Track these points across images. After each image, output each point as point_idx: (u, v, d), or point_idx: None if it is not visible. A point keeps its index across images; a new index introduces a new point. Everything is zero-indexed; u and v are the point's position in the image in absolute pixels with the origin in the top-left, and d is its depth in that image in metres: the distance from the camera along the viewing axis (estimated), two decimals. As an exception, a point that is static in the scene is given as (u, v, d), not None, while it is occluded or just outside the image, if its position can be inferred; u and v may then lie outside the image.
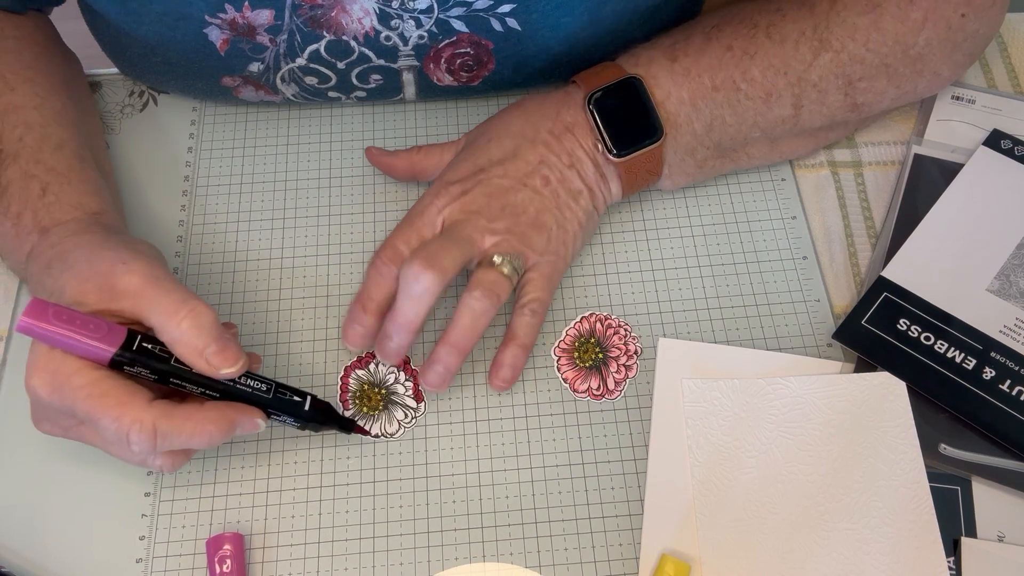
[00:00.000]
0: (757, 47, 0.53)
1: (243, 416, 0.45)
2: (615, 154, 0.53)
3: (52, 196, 0.49)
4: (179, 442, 0.42)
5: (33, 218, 0.48)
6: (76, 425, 0.44)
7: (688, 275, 0.56)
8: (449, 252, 0.48)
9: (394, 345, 0.49)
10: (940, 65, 0.56)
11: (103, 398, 0.41)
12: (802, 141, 0.58)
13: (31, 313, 0.40)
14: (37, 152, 0.50)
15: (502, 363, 0.51)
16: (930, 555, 0.47)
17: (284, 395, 0.47)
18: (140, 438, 0.41)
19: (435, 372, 0.49)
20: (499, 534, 0.48)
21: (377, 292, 0.50)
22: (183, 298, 0.43)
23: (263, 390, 0.46)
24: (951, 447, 0.50)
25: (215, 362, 0.43)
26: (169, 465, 0.45)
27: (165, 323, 0.42)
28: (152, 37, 0.54)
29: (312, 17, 0.52)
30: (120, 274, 0.43)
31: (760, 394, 0.51)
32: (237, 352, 0.44)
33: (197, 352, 0.43)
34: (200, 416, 0.43)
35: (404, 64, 0.57)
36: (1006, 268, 0.55)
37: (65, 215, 0.48)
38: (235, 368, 0.44)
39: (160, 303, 0.43)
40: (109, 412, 0.41)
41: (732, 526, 0.48)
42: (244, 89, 0.59)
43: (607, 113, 0.53)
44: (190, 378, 0.44)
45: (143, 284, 0.43)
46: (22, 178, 0.49)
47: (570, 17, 0.54)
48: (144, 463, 0.44)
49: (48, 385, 0.41)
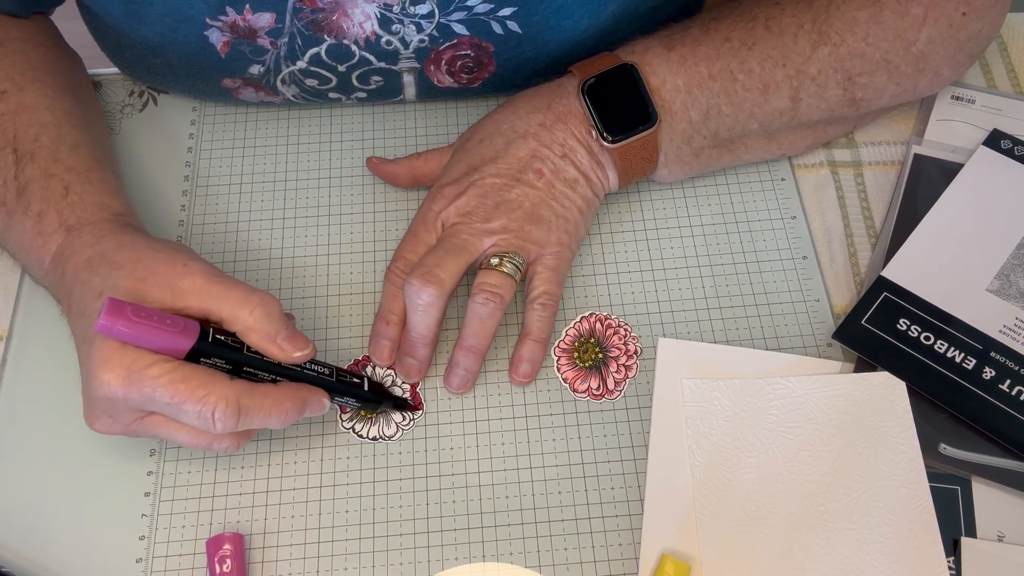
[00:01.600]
0: (755, 38, 0.53)
1: (313, 396, 0.46)
2: (608, 140, 0.53)
3: (75, 196, 0.49)
4: (258, 419, 0.44)
5: (58, 217, 0.48)
6: (140, 419, 0.44)
7: (688, 275, 0.56)
8: (444, 264, 0.49)
9: (415, 361, 0.51)
10: (942, 65, 0.56)
11: (186, 382, 0.42)
12: (800, 135, 0.58)
13: (111, 311, 0.41)
14: (55, 152, 0.50)
15: (520, 359, 0.52)
16: (930, 555, 0.47)
17: (345, 377, 0.49)
18: (226, 414, 0.42)
19: (457, 375, 0.51)
20: (499, 534, 0.48)
21: (396, 305, 0.52)
22: (250, 290, 0.45)
23: (327, 374, 0.48)
24: (951, 447, 0.50)
25: (287, 347, 0.45)
26: (235, 444, 0.46)
27: (238, 313, 0.44)
28: (152, 38, 0.54)
29: (313, 21, 0.52)
30: (182, 274, 0.44)
31: (760, 394, 0.51)
32: (305, 337, 0.46)
33: (270, 338, 0.44)
34: (278, 394, 0.45)
35: (405, 66, 0.57)
36: (1006, 268, 0.55)
37: (91, 215, 0.49)
38: (306, 352, 0.45)
39: (229, 296, 0.44)
40: (195, 393, 0.42)
41: (732, 526, 0.48)
42: (244, 90, 0.59)
43: (601, 100, 0.53)
44: (262, 366, 0.45)
45: (207, 281, 0.44)
46: (42, 177, 0.49)
47: (571, 20, 0.54)
48: (210, 446, 0.45)
49: (124, 379, 0.42)
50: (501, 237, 0.51)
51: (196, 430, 0.44)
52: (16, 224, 0.49)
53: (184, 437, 0.45)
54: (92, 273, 0.45)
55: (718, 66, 0.53)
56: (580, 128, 0.53)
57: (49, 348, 0.53)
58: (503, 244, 0.51)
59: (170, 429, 0.44)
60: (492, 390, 0.52)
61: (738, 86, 0.53)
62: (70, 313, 0.47)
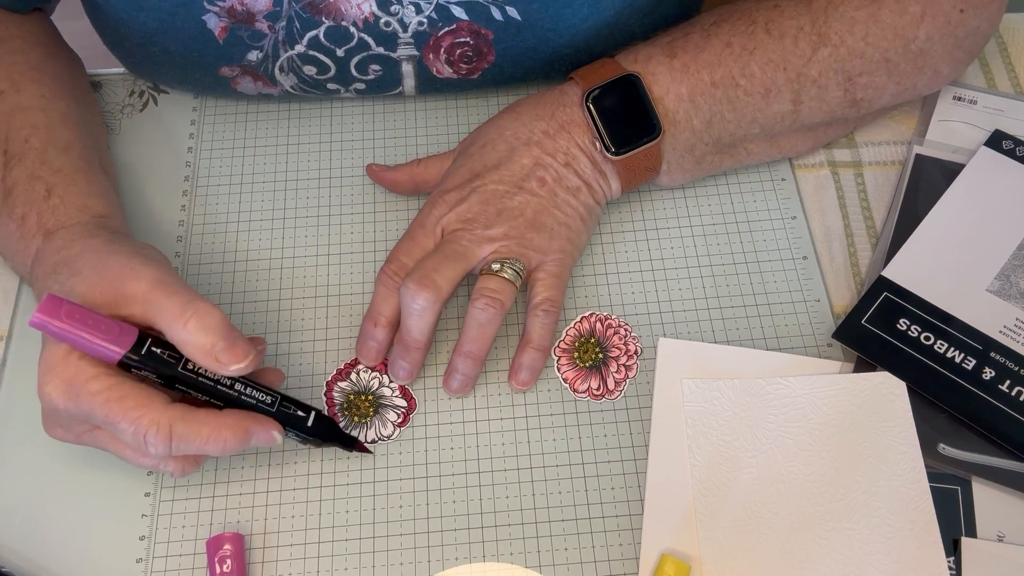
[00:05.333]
0: (756, 43, 0.53)
1: (259, 427, 0.44)
2: (613, 152, 0.53)
3: (57, 199, 0.49)
4: (194, 446, 0.43)
5: (38, 220, 0.48)
6: (89, 431, 0.44)
7: (688, 275, 0.56)
8: (442, 269, 0.49)
9: (407, 364, 0.51)
10: (941, 62, 0.56)
11: (122, 401, 0.41)
12: (802, 137, 0.58)
13: (45, 309, 0.41)
14: (43, 154, 0.50)
15: (520, 366, 0.51)
16: (930, 555, 0.47)
17: (288, 408, 0.46)
18: (157, 439, 0.41)
19: (455, 380, 0.51)
20: (499, 534, 0.48)
21: (386, 307, 0.52)
22: (188, 300, 0.43)
23: (267, 402, 0.45)
24: (951, 447, 0.50)
25: (224, 359, 0.42)
26: (180, 470, 0.45)
27: (172, 325, 0.42)
28: (151, 24, 0.54)
29: (311, 3, 0.52)
30: (128, 279, 0.43)
31: (760, 394, 0.51)
32: (246, 348, 0.43)
33: (205, 352, 0.42)
34: (217, 422, 0.43)
35: (403, 54, 0.57)
36: (1006, 268, 0.55)
37: (70, 218, 0.48)
38: (244, 364, 0.43)
39: (165, 306, 0.43)
40: (128, 414, 0.41)
41: (732, 526, 0.48)
42: (242, 80, 0.58)
43: (605, 111, 0.53)
44: (196, 384, 0.44)
45: (150, 289, 0.43)
46: (27, 179, 0.49)
47: (571, 9, 0.54)
48: (156, 467, 0.45)
49: (63, 392, 0.41)
50: (502, 244, 0.51)
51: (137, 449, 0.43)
52: (2, 227, 0.49)
53: (128, 454, 0.44)
54: (55, 279, 0.45)
55: (720, 72, 0.53)
56: (583, 138, 0.53)
57: (49, 348, 0.53)
58: (504, 251, 0.51)
59: (117, 446, 0.44)
60: (492, 390, 0.52)
61: (740, 92, 0.53)
62: None
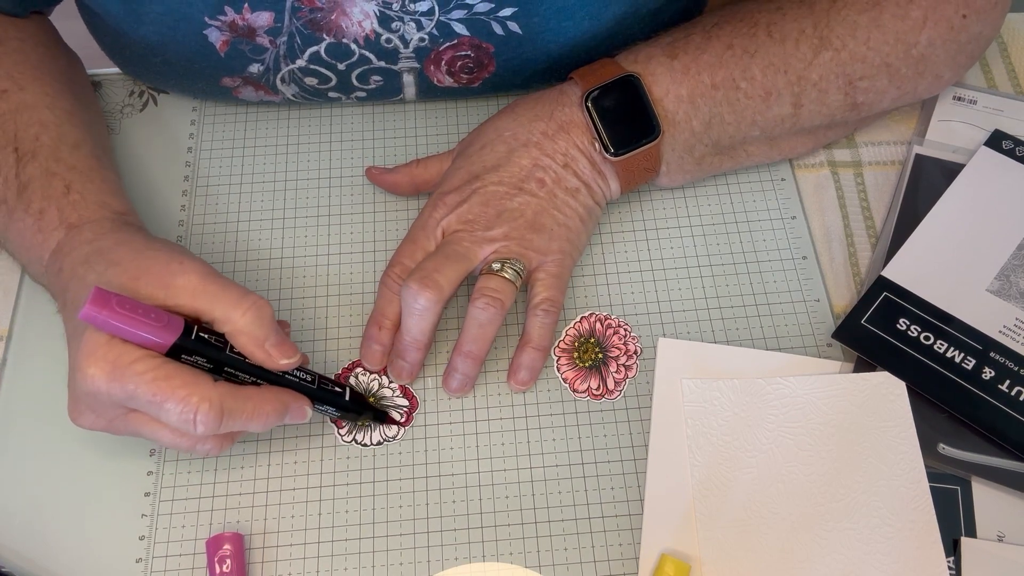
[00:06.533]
0: (757, 45, 0.53)
1: (294, 402, 0.46)
2: (612, 153, 0.53)
3: (76, 194, 0.49)
4: (240, 422, 0.44)
5: (59, 215, 0.48)
6: (123, 415, 0.44)
7: (688, 275, 0.56)
8: (443, 269, 0.49)
9: (407, 364, 0.51)
10: (942, 67, 0.56)
11: (169, 380, 0.42)
12: (801, 140, 0.58)
13: (96, 301, 0.41)
14: (55, 150, 0.50)
15: (519, 366, 0.52)
16: (930, 555, 0.47)
17: (327, 386, 0.48)
18: (208, 416, 0.42)
19: (455, 380, 0.51)
20: (499, 534, 0.48)
21: (390, 309, 0.52)
22: (244, 292, 0.44)
23: (309, 380, 0.48)
24: (950, 447, 0.50)
25: (275, 353, 0.44)
26: (217, 448, 0.46)
27: (229, 314, 0.43)
28: (152, 38, 0.54)
29: (312, 20, 0.52)
30: (176, 272, 0.44)
31: (760, 394, 0.51)
32: (293, 346, 0.45)
33: (258, 343, 0.44)
34: (260, 397, 0.45)
35: (404, 66, 0.57)
36: (1006, 268, 0.55)
37: (93, 213, 0.49)
38: (292, 360, 0.45)
39: (222, 297, 0.44)
40: (176, 392, 0.42)
41: (732, 526, 0.48)
42: (244, 89, 0.59)
43: (604, 111, 0.53)
44: (244, 367, 0.45)
45: (202, 281, 0.44)
46: (43, 175, 0.49)
47: (571, 21, 0.54)
48: (192, 448, 0.45)
49: (108, 374, 0.41)
50: (503, 245, 0.51)
51: (178, 430, 0.44)
52: (17, 222, 0.49)
53: (166, 437, 0.44)
54: (89, 269, 0.45)
55: (721, 75, 0.53)
56: (583, 138, 0.53)
57: (49, 348, 0.53)
58: (504, 251, 0.51)
59: (153, 428, 0.44)
60: (492, 390, 0.52)
61: (740, 94, 0.53)
62: (64, 308, 0.47)
